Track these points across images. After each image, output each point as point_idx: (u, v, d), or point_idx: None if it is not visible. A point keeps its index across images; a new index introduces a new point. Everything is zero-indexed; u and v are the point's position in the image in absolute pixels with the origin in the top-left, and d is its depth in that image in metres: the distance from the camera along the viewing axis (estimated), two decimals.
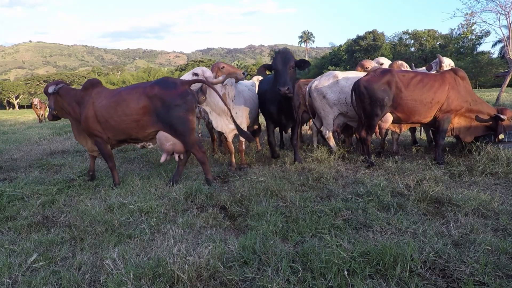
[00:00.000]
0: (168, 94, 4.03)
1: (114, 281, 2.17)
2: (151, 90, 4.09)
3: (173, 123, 4.05)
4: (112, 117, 4.14)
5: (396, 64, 6.17)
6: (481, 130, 5.04)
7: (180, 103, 4.01)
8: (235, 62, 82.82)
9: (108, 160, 4.48)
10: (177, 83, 4.14)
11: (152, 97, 4.06)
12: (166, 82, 4.16)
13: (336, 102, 5.37)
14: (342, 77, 5.42)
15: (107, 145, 4.42)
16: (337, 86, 5.37)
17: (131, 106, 4.08)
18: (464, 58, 42.31)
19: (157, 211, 3.37)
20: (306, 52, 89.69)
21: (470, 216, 3.04)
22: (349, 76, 5.42)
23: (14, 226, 3.22)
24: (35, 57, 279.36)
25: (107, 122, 4.18)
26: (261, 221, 3.03)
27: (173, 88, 4.08)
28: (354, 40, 55.91)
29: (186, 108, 4.04)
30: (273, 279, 2.14)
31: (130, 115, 4.10)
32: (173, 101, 4.01)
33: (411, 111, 4.82)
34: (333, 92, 5.37)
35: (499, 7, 15.35)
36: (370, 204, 3.31)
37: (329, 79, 5.46)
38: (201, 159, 4.24)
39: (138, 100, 4.07)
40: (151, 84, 4.21)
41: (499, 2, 15.31)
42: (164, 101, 4.02)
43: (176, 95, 4.03)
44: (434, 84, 4.76)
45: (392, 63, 6.31)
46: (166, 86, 4.10)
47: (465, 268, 2.20)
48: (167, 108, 4.02)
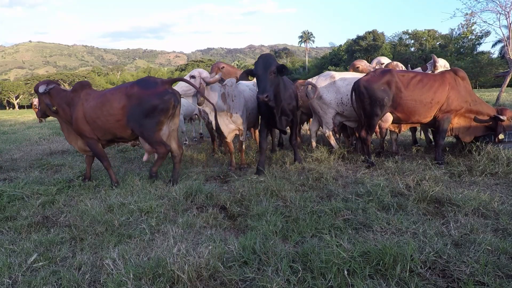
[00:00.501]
0: (145, 94, 4.08)
1: (114, 281, 2.17)
2: (130, 90, 4.16)
3: (143, 122, 4.10)
4: (99, 117, 4.22)
5: (391, 65, 6.19)
6: (481, 130, 5.04)
7: (156, 103, 4.05)
8: (235, 62, 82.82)
9: (102, 160, 4.54)
10: (157, 83, 4.19)
11: (131, 97, 4.12)
12: (147, 82, 4.23)
13: (333, 102, 5.44)
14: (339, 77, 5.49)
15: (99, 145, 4.48)
16: (334, 86, 5.43)
17: (113, 106, 4.17)
18: (464, 58, 42.31)
19: (157, 211, 3.37)
20: (306, 52, 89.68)
21: (470, 216, 3.04)
22: (346, 77, 5.50)
23: (14, 226, 3.22)
24: (35, 57, 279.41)
25: (95, 122, 4.26)
26: (261, 221, 3.03)
27: (151, 88, 4.12)
28: (354, 40, 55.93)
29: (161, 108, 4.07)
30: (273, 279, 2.14)
31: (114, 115, 4.18)
32: (150, 101, 4.05)
33: (411, 111, 4.82)
34: (329, 92, 5.43)
35: (499, 7, 15.36)
36: (370, 204, 3.31)
37: (326, 80, 5.52)
38: (160, 153, 4.28)
39: (119, 100, 4.16)
40: (131, 84, 4.28)
41: (499, 2, 15.32)
42: (141, 101, 4.08)
43: (154, 94, 4.07)
44: (434, 84, 4.76)
45: (387, 64, 6.32)
46: (146, 86, 4.16)
47: (465, 268, 2.20)
48: (143, 108, 4.07)
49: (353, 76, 5.51)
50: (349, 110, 5.40)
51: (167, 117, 4.19)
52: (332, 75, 5.56)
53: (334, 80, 5.46)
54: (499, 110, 4.94)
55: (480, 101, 4.98)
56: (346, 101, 5.36)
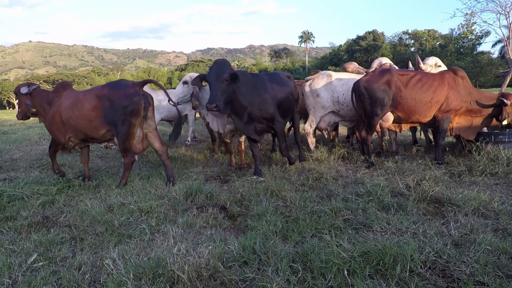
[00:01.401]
0: (115, 95, 4.14)
1: (114, 281, 2.17)
2: (101, 91, 4.24)
3: (117, 124, 4.15)
4: (71, 117, 4.32)
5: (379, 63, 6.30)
6: (484, 123, 4.99)
7: (126, 104, 4.08)
8: (235, 62, 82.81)
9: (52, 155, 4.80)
10: (128, 85, 4.25)
11: (101, 98, 4.19)
12: (117, 84, 4.32)
13: (329, 100, 5.52)
14: (335, 77, 5.60)
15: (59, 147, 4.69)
16: (331, 85, 5.52)
17: (85, 106, 4.25)
18: (464, 58, 42.28)
19: (157, 211, 3.37)
20: (306, 52, 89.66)
21: (470, 216, 3.04)
22: (342, 77, 5.62)
23: (14, 226, 3.22)
24: (35, 57, 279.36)
25: (68, 122, 4.37)
26: (261, 221, 3.03)
27: (122, 89, 4.18)
28: (354, 40, 55.91)
29: (131, 110, 4.10)
30: (273, 279, 2.14)
31: (85, 116, 4.27)
32: (120, 102, 4.10)
33: (411, 110, 4.83)
34: (326, 91, 5.52)
35: (499, 7, 15.36)
36: (370, 204, 3.31)
37: (323, 78, 5.60)
38: (126, 164, 4.35)
39: (90, 101, 4.24)
40: (103, 86, 4.39)
41: (499, 2, 15.32)
42: (111, 102, 4.13)
43: (123, 96, 4.12)
44: (433, 83, 4.77)
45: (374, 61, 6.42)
46: (116, 87, 4.23)
47: (465, 268, 2.20)
48: (114, 109, 4.12)
49: (349, 76, 5.64)
50: (345, 109, 5.50)
51: (138, 119, 4.22)
52: (329, 74, 5.65)
53: (331, 79, 5.54)
54: (503, 94, 4.89)
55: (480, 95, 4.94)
56: (342, 101, 5.45)
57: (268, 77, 4.84)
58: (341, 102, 5.48)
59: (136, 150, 4.37)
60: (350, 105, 5.38)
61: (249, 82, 4.41)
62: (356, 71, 6.43)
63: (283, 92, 4.84)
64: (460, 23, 49.05)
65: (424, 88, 4.75)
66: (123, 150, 4.28)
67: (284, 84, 4.95)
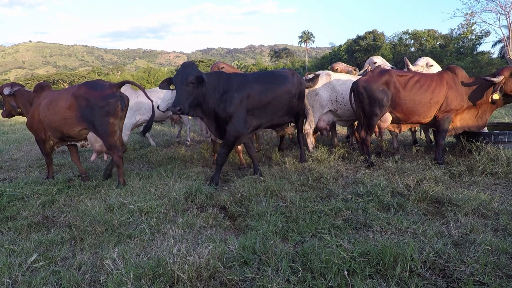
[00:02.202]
0: (92, 95, 4.25)
1: (114, 281, 2.17)
2: (78, 91, 4.35)
3: (95, 123, 4.26)
4: (47, 115, 4.47)
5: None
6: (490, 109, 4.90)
7: (102, 105, 4.19)
8: (235, 62, 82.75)
9: (46, 157, 4.87)
10: (105, 86, 4.37)
11: (78, 97, 4.30)
12: (94, 84, 4.42)
13: (328, 99, 5.59)
14: (334, 76, 5.68)
15: (46, 145, 4.77)
16: (330, 84, 5.59)
17: (60, 105, 4.38)
18: (464, 58, 42.21)
19: (157, 211, 3.37)
20: (306, 52, 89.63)
21: (470, 216, 3.04)
22: (341, 76, 5.70)
23: (14, 226, 3.22)
24: (35, 57, 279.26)
25: (45, 120, 4.52)
26: (261, 221, 3.03)
27: (98, 90, 4.29)
28: (354, 40, 55.88)
29: (107, 110, 4.21)
30: (273, 279, 2.14)
31: (60, 114, 4.39)
32: (96, 102, 4.21)
33: (410, 111, 4.83)
34: (325, 90, 5.59)
35: (499, 7, 15.37)
36: (370, 204, 3.31)
37: (322, 78, 5.66)
38: (116, 162, 4.40)
39: (66, 100, 4.36)
40: (80, 85, 4.49)
41: (499, 2, 15.33)
42: (88, 101, 4.24)
43: (100, 96, 4.23)
44: (432, 84, 4.76)
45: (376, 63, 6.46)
46: (93, 88, 4.33)
47: (465, 268, 2.20)
48: (91, 108, 4.23)
49: (347, 76, 5.73)
50: (342, 109, 5.58)
51: (117, 119, 4.33)
52: (328, 73, 5.71)
53: (330, 78, 5.61)
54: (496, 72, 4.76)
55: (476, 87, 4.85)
56: (341, 100, 5.53)
57: (254, 76, 4.66)
58: (339, 101, 5.55)
59: None
60: (348, 105, 5.43)
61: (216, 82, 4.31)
62: (346, 70, 6.54)
63: (270, 91, 4.61)
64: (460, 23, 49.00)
65: (422, 89, 4.75)
66: (109, 148, 4.37)
67: (274, 83, 4.71)
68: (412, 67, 5.62)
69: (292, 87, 4.90)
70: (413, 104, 4.78)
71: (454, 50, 46.39)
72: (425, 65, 5.79)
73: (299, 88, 5.07)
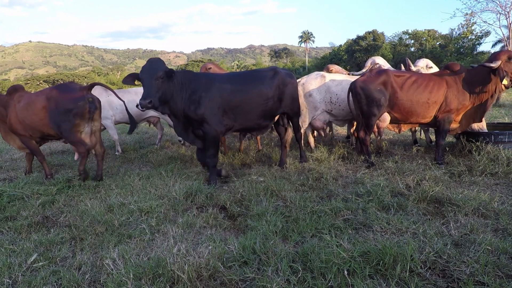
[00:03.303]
0: (62, 97, 4.47)
1: (114, 281, 2.17)
2: (50, 93, 4.58)
3: (61, 124, 4.49)
4: (26, 116, 4.65)
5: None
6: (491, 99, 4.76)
7: (71, 107, 4.41)
8: (235, 62, 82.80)
9: (36, 154, 4.99)
10: (75, 89, 4.59)
11: (49, 99, 4.53)
12: (65, 87, 4.66)
13: (322, 100, 5.64)
14: (328, 77, 5.73)
15: (32, 141, 4.92)
16: (324, 85, 5.64)
17: (36, 106, 4.60)
18: (464, 58, 42.24)
19: (157, 211, 3.37)
20: (306, 52, 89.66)
21: (470, 216, 3.04)
22: (335, 77, 5.75)
23: (14, 226, 3.22)
24: (35, 57, 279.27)
25: (24, 121, 4.69)
26: (261, 221, 3.03)
27: (68, 92, 4.51)
28: (354, 40, 55.88)
29: (75, 112, 4.43)
30: (273, 279, 2.14)
31: (36, 115, 4.60)
32: (65, 104, 4.43)
33: (408, 112, 4.83)
34: (319, 91, 5.63)
35: (499, 7, 15.39)
36: (370, 204, 3.31)
37: (317, 79, 5.72)
38: (81, 154, 4.65)
39: (40, 101, 4.58)
40: (52, 87, 4.73)
41: (499, 2, 15.34)
42: (57, 103, 4.47)
43: (69, 99, 4.44)
44: (430, 84, 4.73)
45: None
46: (64, 90, 4.57)
47: (465, 268, 2.20)
48: (59, 110, 4.46)
49: (342, 77, 5.79)
50: (337, 109, 5.63)
51: (84, 120, 4.54)
52: (322, 75, 5.78)
53: (324, 79, 5.67)
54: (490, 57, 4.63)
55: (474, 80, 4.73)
56: (335, 101, 5.59)
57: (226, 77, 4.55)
58: (334, 102, 5.61)
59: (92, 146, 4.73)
60: (342, 105, 5.52)
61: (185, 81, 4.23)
62: (340, 72, 6.66)
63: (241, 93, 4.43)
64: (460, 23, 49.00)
65: (420, 89, 4.73)
66: (74, 143, 4.62)
67: (246, 84, 4.51)
68: (413, 68, 5.63)
69: (268, 89, 4.57)
70: (411, 104, 4.77)
71: (454, 50, 46.40)
72: (425, 67, 5.83)
73: (280, 89, 4.68)
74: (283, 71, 4.86)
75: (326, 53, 74.12)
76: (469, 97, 4.73)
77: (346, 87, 5.42)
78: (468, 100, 4.74)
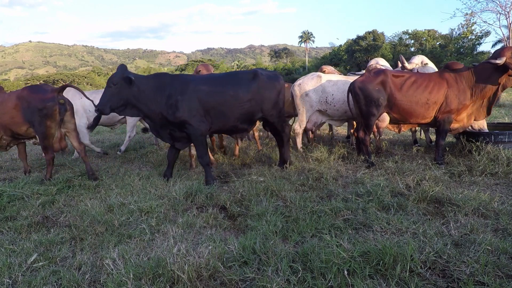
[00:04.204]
0: (32, 98, 4.58)
1: (114, 281, 2.17)
2: (21, 93, 4.71)
3: (34, 124, 4.60)
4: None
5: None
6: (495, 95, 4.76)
7: (40, 108, 4.50)
8: (235, 62, 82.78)
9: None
10: (46, 90, 4.69)
11: (21, 99, 4.65)
12: (36, 88, 4.78)
13: (317, 100, 5.80)
14: (325, 77, 5.86)
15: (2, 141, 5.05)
16: (320, 86, 5.79)
17: (8, 105, 4.71)
18: (464, 58, 42.23)
19: (157, 211, 3.37)
20: (306, 52, 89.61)
21: (470, 216, 3.04)
22: (331, 78, 5.90)
23: (14, 226, 3.22)
24: (35, 57, 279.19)
25: None
26: (261, 221, 3.03)
27: (39, 93, 4.61)
28: (354, 40, 55.88)
29: (45, 113, 4.52)
30: (273, 279, 2.14)
31: (8, 113, 4.71)
32: (36, 105, 4.53)
33: (407, 112, 4.81)
34: (315, 91, 5.79)
35: (499, 7, 15.39)
36: (370, 204, 3.31)
37: (313, 79, 5.87)
38: (48, 160, 4.77)
39: (12, 101, 4.70)
40: (24, 88, 4.86)
41: (499, 2, 15.34)
42: (28, 104, 4.57)
43: (39, 100, 4.54)
44: (430, 84, 4.71)
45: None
46: (34, 91, 4.68)
47: (465, 268, 2.20)
48: (31, 110, 4.57)
49: (337, 77, 5.94)
50: (331, 109, 5.78)
51: (54, 122, 4.63)
52: (318, 75, 5.93)
53: (320, 80, 5.81)
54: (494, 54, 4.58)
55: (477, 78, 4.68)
56: (330, 101, 5.72)
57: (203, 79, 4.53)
58: (329, 102, 5.74)
59: (55, 149, 4.84)
60: (337, 105, 5.68)
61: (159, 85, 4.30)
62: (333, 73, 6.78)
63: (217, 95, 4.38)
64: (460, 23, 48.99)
65: (419, 89, 4.71)
66: (44, 148, 4.74)
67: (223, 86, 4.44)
68: (407, 64, 5.64)
69: (245, 92, 4.45)
70: (410, 105, 4.76)
71: (454, 50, 46.38)
72: (420, 63, 5.84)
73: (260, 93, 4.52)
74: (265, 74, 4.68)
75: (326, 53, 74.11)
76: (470, 96, 4.72)
77: (341, 87, 5.63)
78: (469, 99, 4.72)
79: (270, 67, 68.85)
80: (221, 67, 68.60)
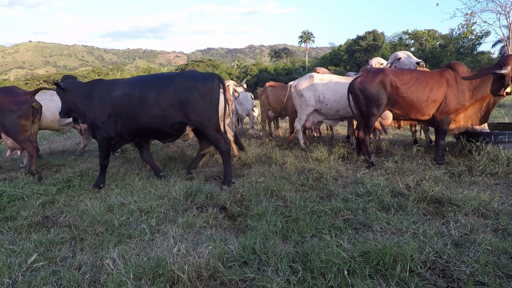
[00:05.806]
0: (6, 100, 4.78)
1: (114, 281, 2.17)
2: None
3: (5, 123, 4.80)
4: None
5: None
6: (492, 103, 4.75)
7: (14, 109, 4.75)
8: (235, 62, 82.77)
9: None
10: (19, 93, 4.92)
11: None
12: (10, 90, 4.98)
13: (312, 99, 6.10)
14: (317, 78, 6.16)
15: None
16: (313, 86, 6.08)
17: None
18: (464, 58, 42.24)
19: (157, 211, 3.37)
20: (306, 52, 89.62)
21: (470, 216, 3.04)
22: (324, 77, 6.17)
23: (14, 226, 3.22)
24: (35, 57, 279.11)
25: None
26: (261, 221, 3.03)
27: (13, 96, 4.84)
28: (354, 40, 55.87)
29: (19, 114, 4.79)
30: (273, 279, 2.14)
31: None
32: (9, 107, 4.75)
33: (409, 108, 4.86)
34: (309, 91, 6.10)
35: (499, 7, 15.39)
36: (370, 204, 3.31)
37: (307, 80, 6.19)
38: (30, 152, 4.95)
39: None
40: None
41: (499, 2, 15.34)
42: (2, 105, 4.76)
43: (14, 102, 4.78)
44: (429, 82, 4.73)
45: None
46: (8, 93, 4.88)
47: (465, 268, 2.20)
48: (2, 111, 4.76)
49: (330, 77, 6.19)
50: (325, 108, 6.05)
51: (28, 123, 4.88)
52: (311, 76, 6.25)
53: (312, 79, 6.13)
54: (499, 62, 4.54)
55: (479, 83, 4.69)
56: (322, 99, 6.00)
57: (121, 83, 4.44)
58: (321, 101, 6.01)
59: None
60: (329, 104, 5.93)
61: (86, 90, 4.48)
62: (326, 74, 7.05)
63: (130, 98, 4.23)
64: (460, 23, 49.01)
65: (420, 87, 4.75)
66: (22, 142, 4.90)
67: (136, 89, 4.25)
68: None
69: (154, 95, 4.20)
70: (411, 101, 4.79)
71: (454, 50, 46.40)
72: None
73: (180, 96, 4.18)
74: (189, 76, 4.32)
75: (326, 53, 74.09)
76: (469, 98, 4.72)
77: (331, 86, 5.93)
78: (468, 100, 4.72)
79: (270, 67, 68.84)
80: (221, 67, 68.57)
